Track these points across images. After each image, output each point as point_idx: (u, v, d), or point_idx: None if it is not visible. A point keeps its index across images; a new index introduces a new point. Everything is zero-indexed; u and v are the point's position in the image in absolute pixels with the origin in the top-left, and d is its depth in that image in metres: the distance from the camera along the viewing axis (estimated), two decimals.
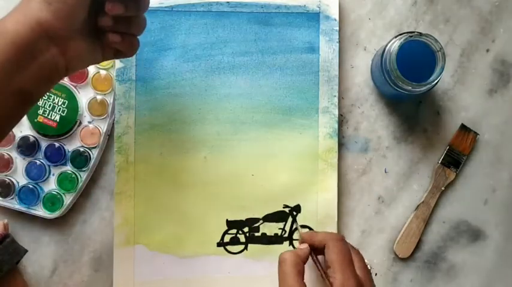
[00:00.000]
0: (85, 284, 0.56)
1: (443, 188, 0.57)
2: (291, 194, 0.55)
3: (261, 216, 0.55)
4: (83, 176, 0.55)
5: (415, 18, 0.58)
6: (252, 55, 0.56)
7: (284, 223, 0.55)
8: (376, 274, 0.56)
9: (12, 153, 0.54)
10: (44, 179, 0.55)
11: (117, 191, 0.54)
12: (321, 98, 0.56)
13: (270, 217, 0.55)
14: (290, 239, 0.55)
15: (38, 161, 0.54)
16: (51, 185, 0.55)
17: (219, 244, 0.55)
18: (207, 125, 0.55)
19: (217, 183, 0.55)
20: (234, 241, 0.55)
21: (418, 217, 0.56)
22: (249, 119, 0.56)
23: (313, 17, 0.56)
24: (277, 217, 0.55)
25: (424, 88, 0.51)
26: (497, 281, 0.57)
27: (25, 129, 0.54)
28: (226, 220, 0.55)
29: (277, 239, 0.55)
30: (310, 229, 0.55)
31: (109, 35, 0.43)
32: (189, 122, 0.55)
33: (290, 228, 0.55)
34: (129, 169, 0.54)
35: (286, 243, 0.55)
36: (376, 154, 0.57)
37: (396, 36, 0.51)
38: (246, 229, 0.55)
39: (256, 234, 0.55)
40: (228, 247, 0.55)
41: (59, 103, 0.54)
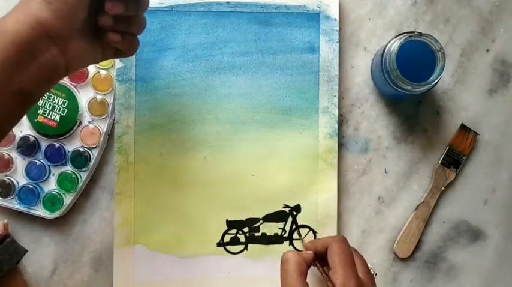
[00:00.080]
0: (85, 284, 0.56)
1: (443, 188, 0.57)
2: (291, 194, 0.55)
3: (261, 216, 0.55)
4: (83, 176, 0.55)
5: (415, 18, 0.58)
6: (252, 55, 0.56)
7: (284, 223, 0.55)
8: (376, 274, 0.56)
9: (12, 153, 0.54)
10: (44, 179, 0.55)
11: (117, 191, 0.54)
12: (321, 98, 0.56)
13: (270, 217, 0.55)
14: (290, 239, 0.55)
15: (38, 161, 0.54)
16: (51, 185, 0.55)
17: (219, 244, 0.55)
18: (207, 125, 0.55)
19: (217, 183, 0.55)
20: (234, 241, 0.55)
21: (418, 217, 0.56)
22: (249, 119, 0.56)
23: (313, 17, 0.56)
24: (277, 217, 0.55)
25: (424, 88, 0.51)
26: (497, 281, 0.57)
27: (25, 129, 0.54)
28: (226, 220, 0.55)
29: (277, 239, 0.55)
30: (310, 228, 0.55)
31: (109, 35, 0.43)
32: (189, 122, 0.55)
33: (290, 228, 0.55)
34: (129, 169, 0.54)
35: (286, 243, 0.55)
36: (376, 154, 0.57)
37: (396, 36, 0.51)
38: (246, 229, 0.55)
39: (256, 234, 0.55)
40: (228, 247, 0.55)
41: (59, 103, 0.54)
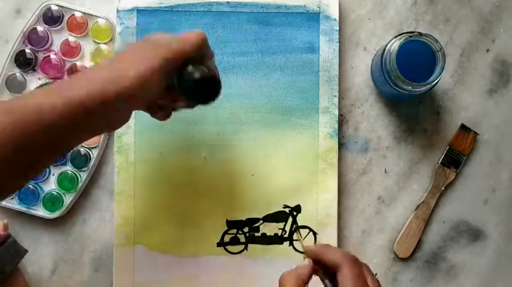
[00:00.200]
0: (85, 284, 0.56)
1: (443, 188, 0.57)
2: (291, 194, 0.55)
3: (261, 216, 0.55)
4: (83, 176, 0.55)
5: (415, 18, 0.58)
6: (252, 55, 0.56)
7: (284, 223, 0.55)
8: (376, 274, 0.56)
9: None
10: (44, 179, 0.55)
11: (117, 191, 0.54)
12: (321, 98, 0.56)
13: (270, 217, 0.55)
14: (290, 239, 0.55)
15: None
16: (51, 185, 0.55)
17: (219, 244, 0.55)
18: (207, 125, 0.55)
19: (217, 183, 0.55)
20: (234, 241, 0.55)
21: (418, 217, 0.56)
22: (249, 119, 0.56)
23: (313, 17, 0.56)
24: (277, 217, 0.55)
25: (424, 88, 0.51)
26: (497, 281, 0.57)
27: None
28: (226, 220, 0.55)
29: (277, 239, 0.55)
30: (310, 229, 0.55)
31: (157, 111, 0.45)
32: (189, 122, 0.55)
33: (290, 228, 0.55)
34: (129, 169, 0.54)
35: (286, 243, 0.55)
36: (376, 154, 0.57)
37: (396, 36, 0.51)
38: (246, 229, 0.55)
39: (256, 234, 0.55)
40: (228, 247, 0.55)
41: None
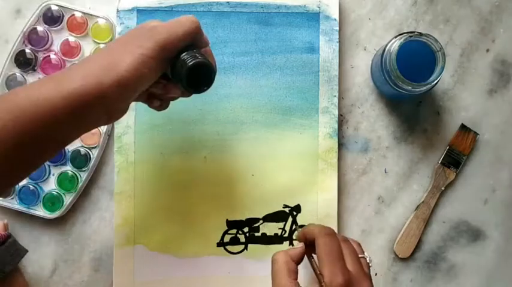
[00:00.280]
0: (85, 284, 0.56)
1: (443, 188, 0.57)
2: (291, 194, 0.55)
3: (261, 216, 0.55)
4: (83, 176, 0.55)
5: (415, 18, 0.58)
6: (252, 55, 0.56)
7: (284, 223, 0.55)
8: (376, 274, 0.56)
9: None
10: (44, 179, 0.55)
11: (117, 191, 0.54)
12: (321, 98, 0.56)
13: (270, 217, 0.55)
14: (290, 239, 0.55)
15: None
16: (51, 185, 0.55)
17: (219, 244, 0.55)
18: (207, 125, 0.55)
19: (217, 183, 0.55)
20: (234, 241, 0.55)
21: (418, 217, 0.56)
22: (249, 119, 0.56)
23: (313, 17, 0.56)
24: (277, 217, 0.55)
25: (424, 88, 0.51)
26: (497, 281, 0.57)
27: None
28: (226, 220, 0.55)
29: (277, 239, 0.55)
30: None
31: (153, 101, 0.46)
32: (189, 122, 0.55)
33: (290, 228, 0.55)
34: (129, 169, 0.54)
35: (286, 243, 0.55)
36: (376, 154, 0.57)
37: (396, 36, 0.51)
38: (246, 229, 0.55)
39: (256, 234, 0.55)
40: (228, 247, 0.55)
41: None
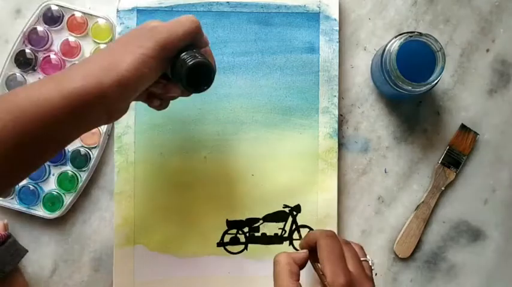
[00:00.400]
0: (85, 284, 0.56)
1: (443, 188, 0.57)
2: (291, 194, 0.55)
3: (261, 216, 0.55)
4: (83, 176, 0.55)
5: (415, 18, 0.58)
6: (252, 55, 0.56)
7: (284, 223, 0.55)
8: (376, 274, 0.56)
9: None
10: (44, 179, 0.55)
11: (117, 191, 0.54)
12: (321, 98, 0.56)
13: (270, 217, 0.55)
14: (290, 239, 0.55)
15: None
16: (51, 185, 0.55)
17: (219, 244, 0.55)
18: (207, 125, 0.55)
19: (217, 183, 0.55)
20: (234, 241, 0.55)
21: (418, 217, 0.56)
22: (249, 119, 0.56)
23: (313, 17, 0.56)
24: (277, 217, 0.55)
25: (424, 88, 0.51)
26: (497, 281, 0.57)
27: None
28: (226, 220, 0.55)
29: (277, 239, 0.55)
30: (310, 229, 0.55)
31: (153, 100, 0.46)
32: (189, 122, 0.55)
33: (290, 228, 0.55)
34: (129, 169, 0.54)
35: (286, 243, 0.55)
36: (376, 154, 0.57)
37: (396, 36, 0.51)
38: (246, 229, 0.55)
39: (256, 234, 0.55)
40: (228, 247, 0.55)
41: None
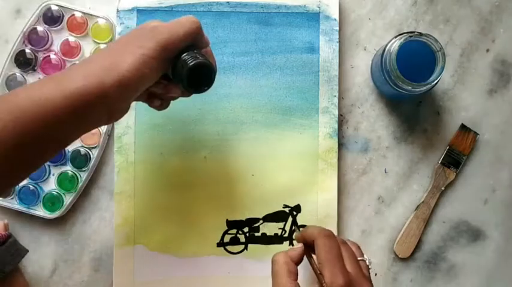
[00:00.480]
0: (85, 284, 0.56)
1: (443, 188, 0.57)
2: (291, 194, 0.55)
3: (261, 216, 0.55)
4: (83, 176, 0.55)
5: (415, 18, 0.58)
6: (252, 55, 0.56)
7: (284, 223, 0.55)
8: (376, 274, 0.56)
9: None
10: (44, 179, 0.55)
11: (117, 191, 0.54)
12: (321, 98, 0.56)
13: (270, 217, 0.55)
14: (290, 239, 0.55)
15: None
16: (51, 185, 0.55)
17: (219, 244, 0.55)
18: (207, 125, 0.55)
19: (217, 183, 0.55)
20: (234, 241, 0.55)
21: (418, 217, 0.56)
22: (249, 119, 0.56)
23: (313, 17, 0.56)
24: (277, 217, 0.55)
25: (424, 88, 0.51)
26: (497, 281, 0.57)
27: None
28: (226, 220, 0.55)
29: (277, 239, 0.55)
30: None
31: (154, 100, 0.46)
32: (189, 122, 0.55)
33: (290, 228, 0.55)
34: (129, 169, 0.54)
35: (286, 243, 0.55)
36: (376, 154, 0.57)
37: (396, 36, 0.51)
38: (246, 229, 0.55)
39: (256, 234, 0.55)
40: (228, 247, 0.55)
41: None
